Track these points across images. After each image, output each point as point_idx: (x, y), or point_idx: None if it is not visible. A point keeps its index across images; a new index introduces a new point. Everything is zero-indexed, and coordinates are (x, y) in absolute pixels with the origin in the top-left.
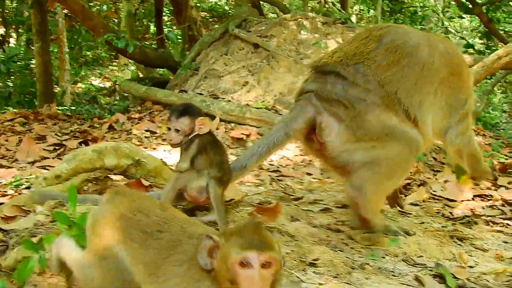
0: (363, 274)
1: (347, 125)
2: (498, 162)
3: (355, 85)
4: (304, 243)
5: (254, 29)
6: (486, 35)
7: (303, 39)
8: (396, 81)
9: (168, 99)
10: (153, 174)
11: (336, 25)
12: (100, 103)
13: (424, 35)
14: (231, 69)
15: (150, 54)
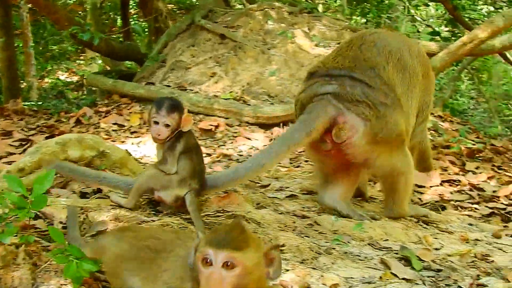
0: (329, 259)
1: (372, 125)
2: (465, 148)
3: (373, 89)
4: (270, 230)
5: (221, 20)
6: (451, 22)
7: (269, 29)
8: (399, 86)
9: (135, 92)
10: (118, 165)
11: (303, 14)
12: (67, 98)
13: (400, 38)
14: (198, 60)
15: (116, 47)
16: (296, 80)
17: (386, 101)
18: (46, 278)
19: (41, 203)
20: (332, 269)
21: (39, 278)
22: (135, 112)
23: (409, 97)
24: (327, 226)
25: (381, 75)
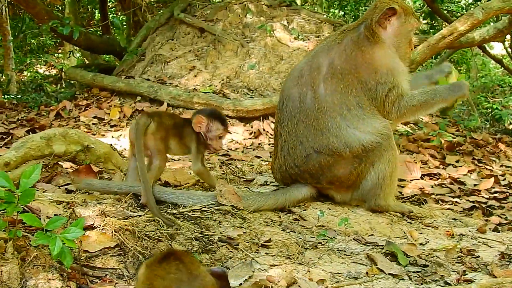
0: (316, 254)
1: None
2: (445, 141)
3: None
4: (256, 225)
5: (200, 13)
6: (430, 15)
7: (248, 23)
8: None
9: (114, 86)
10: (103, 159)
11: (281, 8)
12: (47, 91)
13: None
14: (178, 54)
15: (96, 41)
16: (276, 74)
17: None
18: (34, 273)
19: (28, 197)
20: (318, 264)
21: (27, 272)
22: (114, 106)
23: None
24: (313, 221)
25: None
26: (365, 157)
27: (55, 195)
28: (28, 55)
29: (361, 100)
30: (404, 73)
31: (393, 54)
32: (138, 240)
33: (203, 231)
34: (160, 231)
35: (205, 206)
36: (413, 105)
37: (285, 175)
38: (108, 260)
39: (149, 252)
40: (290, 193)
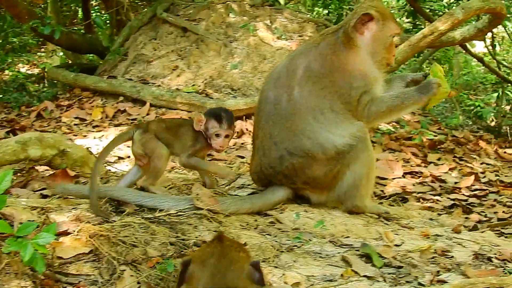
0: (291, 257)
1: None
2: (427, 139)
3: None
4: (232, 229)
5: (182, 13)
6: (412, 14)
7: (231, 22)
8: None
9: (97, 86)
10: (79, 164)
11: (264, 7)
12: (28, 91)
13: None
14: (160, 53)
15: (78, 40)
16: (259, 73)
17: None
18: (7, 280)
19: (1, 203)
20: (293, 267)
21: (0, 280)
22: (97, 106)
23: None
24: (289, 224)
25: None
26: (341, 159)
27: (29, 201)
28: (10, 54)
29: (335, 104)
30: (377, 79)
31: (368, 60)
32: (113, 245)
33: (179, 235)
34: (135, 236)
35: (181, 210)
36: (382, 110)
37: (261, 176)
38: (82, 266)
39: (123, 257)
40: (266, 196)
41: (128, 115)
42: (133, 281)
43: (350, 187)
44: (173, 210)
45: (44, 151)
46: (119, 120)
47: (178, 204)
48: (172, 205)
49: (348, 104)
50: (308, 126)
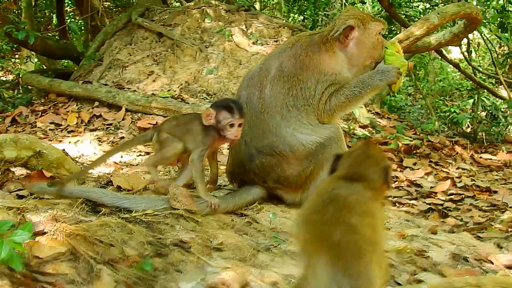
0: (268, 257)
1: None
2: (403, 144)
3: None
4: (209, 228)
5: (158, 18)
6: (387, 20)
7: (207, 27)
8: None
9: (72, 91)
10: (55, 165)
11: (240, 12)
12: (3, 97)
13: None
14: (136, 58)
15: (53, 45)
16: (234, 78)
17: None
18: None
19: None
20: (270, 266)
21: None
22: (72, 111)
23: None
24: (265, 223)
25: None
26: (313, 159)
27: (5, 201)
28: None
29: (298, 101)
30: (347, 79)
31: (344, 63)
32: (90, 245)
33: (156, 235)
34: (112, 235)
35: (158, 210)
36: (342, 101)
37: (234, 175)
38: (59, 265)
39: (100, 257)
40: (241, 195)
41: (104, 120)
42: (111, 280)
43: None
44: (150, 210)
45: (19, 152)
46: (94, 125)
47: (156, 204)
48: (149, 206)
49: (312, 98)
50: (275, 123)
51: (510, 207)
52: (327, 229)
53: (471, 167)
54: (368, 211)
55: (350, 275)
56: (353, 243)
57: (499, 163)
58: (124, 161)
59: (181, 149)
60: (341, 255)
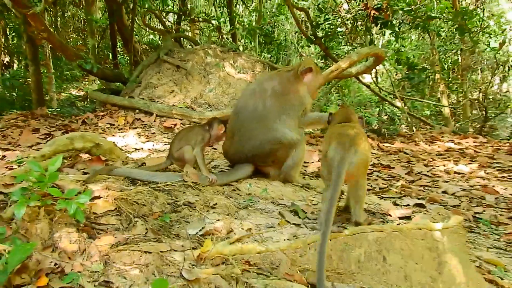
0: (246, 212)
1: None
2: None
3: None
4: (208, 194)
5: (177, 56)
6: (324, 57)
7: (208, 62)
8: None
9: (121, 103)
10: (108, 152)
11: (229, 52)
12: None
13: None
14: (162, 82)
15: (109, 73)
16: (226, 95)
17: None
18: (59, 228)
19: (54, 178)
20: (247, 219)
21: (54, 228)
22: (121, 116)
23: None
24: (244, 190)
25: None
26: (292, 146)
27: (75, 176)
28: (65, 82)
29: (286, 113)
30: (310, 103)
31: (306, 92)
32: (129, 205)
33: (173, 198)
34: (144, 198)
35: (175, 182)
36: (308, 121)
37: (241, 157)
38: (109, 218)
39: (136, 212)
40: (232, 173)
41: (142, 122)
42: (143, 228)
43: (292, 165)
44: (170, 182)
45: (85, 144)
46: (135, 125)
47: (173, 179)
48: (169, 180)
49: (295, 113)
50: (275, 124)
51: (402, 177)
52: (345, 135)
53: (378, 152)
54: (359, 132)
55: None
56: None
57: (395, 149)
58: (155, 148)
59: (191, 148)
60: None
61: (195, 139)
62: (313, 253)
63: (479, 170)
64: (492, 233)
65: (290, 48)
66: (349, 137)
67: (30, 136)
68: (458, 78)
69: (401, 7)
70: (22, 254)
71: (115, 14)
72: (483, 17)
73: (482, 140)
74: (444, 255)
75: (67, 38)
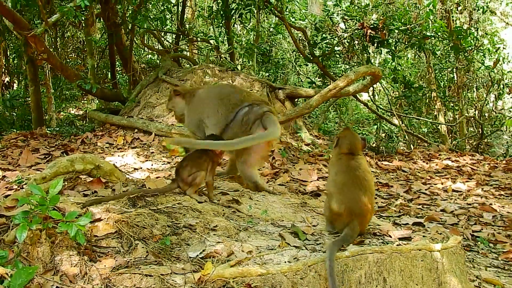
0: (246, 234)
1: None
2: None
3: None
4: (208, 216)
5: (175, 75)
6: (322, 76)
7: (207, 81)
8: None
9: (120, 122)
10: (108, 174)
11: (228, 71)
12: (76, 125)
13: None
14: (161, 101)
15: (107, 93)
16: None
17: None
18: (60, 251)
19: (55, 200)
20: (248, 241)
21: (56, 251)
22: (120, 135)
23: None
24: (245, 212)
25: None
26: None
27: (75, 198)
28: (64, 102)
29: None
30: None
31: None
32: (130, 227)
33: (173, 220)
34: (145, 221)
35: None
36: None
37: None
38: (110, 241)
39: (137, 235)
40: None
41: (141, 141)
42: (143, 251)
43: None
44: (170, 203)
45: (85, 166)
46: (134, 144)
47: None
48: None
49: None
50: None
51: (401, 196)
52: (358, 176)
53: (376, 170)
54: (367, 168)
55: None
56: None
57: (393, 167)
58: (154, 168)
59: (205, 175)
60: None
61: (206, 166)
62: (314, 275)
63: (476, 188)
64: (490, 252)
65: (287, 66)
66: (365, 189)
67: (30, 156)
68: (454, 96)
69: (396, 26)
70: (24, 278)
71: (114, 34)
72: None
73: (479, 157)
74: (444, 275)
75: (67, 58)
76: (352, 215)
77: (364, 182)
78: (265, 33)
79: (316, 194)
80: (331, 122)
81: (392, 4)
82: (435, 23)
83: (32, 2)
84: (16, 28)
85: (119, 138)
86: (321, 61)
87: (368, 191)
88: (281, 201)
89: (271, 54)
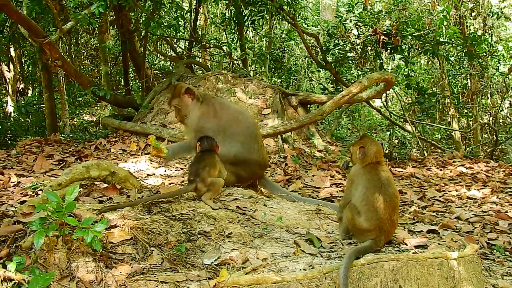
0: (261, 241)
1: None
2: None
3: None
4: (223, 223)
5: (188, 82)
6: (335, 82)
7: (219, 87)
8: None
9: (133, 128)
10: (123, 180)
11: (240, 78)
12: (89, 132)
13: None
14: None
15: (121, 99)
16: None
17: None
18: (76, 258)
19: (71, 207)
20: (263, 248)
21: (72, 257)
22: (133, 141)
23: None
24: (259, 219)
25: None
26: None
27: (91, 205)
28: (78, 108)
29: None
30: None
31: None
32: (146, 234)
33: (188, 227)
34: (160, 227)
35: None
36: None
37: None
38: (125, 248)
39: (152, 242)
40: None
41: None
42: (159, 258)
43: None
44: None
45: (100, 172)
46: (148, 151)
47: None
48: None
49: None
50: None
51: (415, 203)
52: (390, 194)
53: None
54: (392, 180)
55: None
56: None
57: (407, 174)
58: (167, 174)
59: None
60: (395, 204)
61: (219, 167)
62: (329, 283)
63: (491, 195)
64: (506, 260)
65: (300, 73)
66: (395, 206)
67: (44, 162)
68: (468, 102)
69: (410, 32)
70: (41, 284)
71: (127, 41)
72: (491, 42)
73: (494, 164)
74: (461, 284)
75: (81, 65)
76: (381, 232)
77: (394, 199)
78: (277, 39)
79: (329, 201)
80: (344, 128)
81: (406, 10)
82: (448, 29)
83: (47, 10)
84: (31, 36)
85: (133, 145)
86: (334, 67)
87: (397, 207)
88: (296, 208)
89: (284, 60)
